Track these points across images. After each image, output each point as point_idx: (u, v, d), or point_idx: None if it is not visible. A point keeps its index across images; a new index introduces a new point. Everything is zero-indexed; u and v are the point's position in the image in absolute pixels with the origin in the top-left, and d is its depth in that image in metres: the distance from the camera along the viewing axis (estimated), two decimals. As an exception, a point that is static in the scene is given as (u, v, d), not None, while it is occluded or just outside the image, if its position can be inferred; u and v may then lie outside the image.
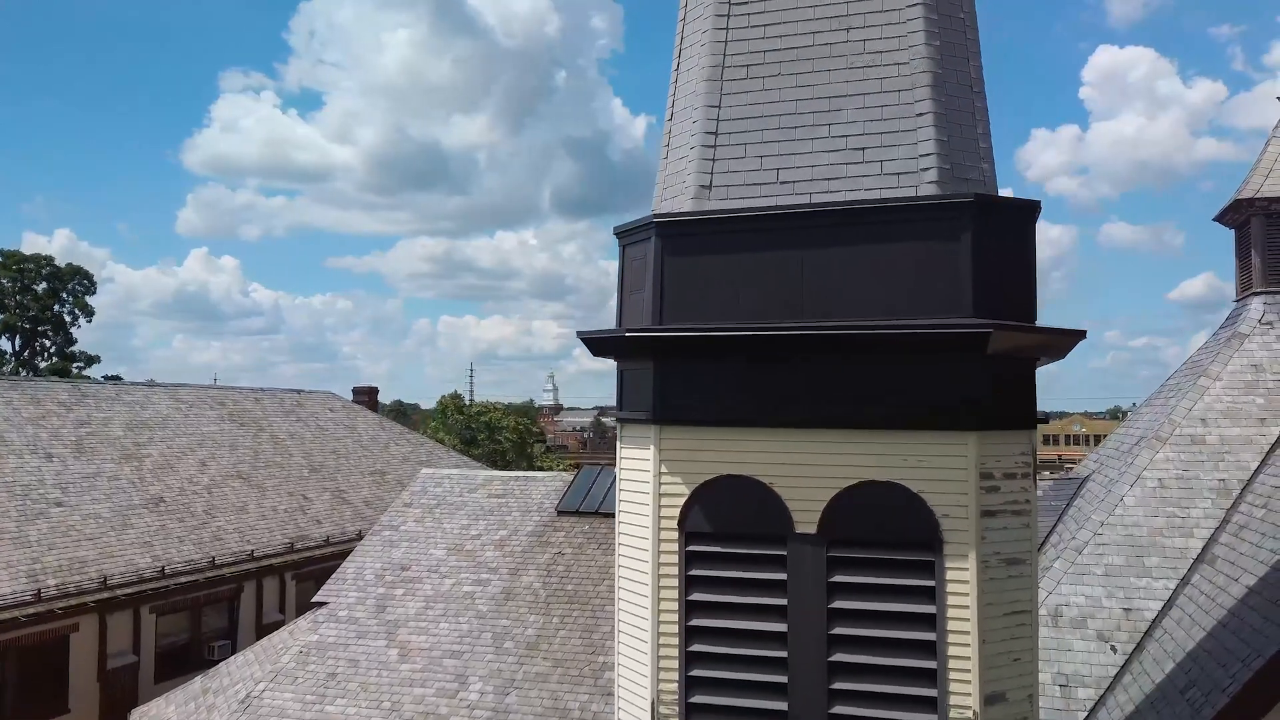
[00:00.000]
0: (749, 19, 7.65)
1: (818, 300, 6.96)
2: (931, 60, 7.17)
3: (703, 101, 7.65)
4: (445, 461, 33.20)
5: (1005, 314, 6.71)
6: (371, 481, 28.22)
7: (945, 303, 6.69)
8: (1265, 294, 13.87)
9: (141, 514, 20.18)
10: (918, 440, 6.70)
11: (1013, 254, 6.92)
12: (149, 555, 19.01)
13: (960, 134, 7.20)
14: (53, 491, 19.27)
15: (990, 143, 7.42)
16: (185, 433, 24.64)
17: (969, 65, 7.37)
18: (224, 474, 23.71)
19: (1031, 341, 6.78)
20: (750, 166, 7.46)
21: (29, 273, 49.22)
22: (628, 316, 7.82)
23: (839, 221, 6.97)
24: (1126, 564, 11.76)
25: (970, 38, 7.45)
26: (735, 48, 7.65)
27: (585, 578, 14.95)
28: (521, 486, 17.95)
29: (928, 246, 6.78)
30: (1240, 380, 13.18)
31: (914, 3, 7.26)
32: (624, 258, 7.93)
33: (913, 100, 7.14)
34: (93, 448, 21.54)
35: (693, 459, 7.19)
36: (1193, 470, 12.43)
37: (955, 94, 7.24)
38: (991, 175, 7.32)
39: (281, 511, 23.51)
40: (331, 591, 16.00)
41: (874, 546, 6.76)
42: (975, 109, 7.35)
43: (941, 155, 7.03)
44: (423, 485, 18.76)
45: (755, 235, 7.16)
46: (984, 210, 6.73)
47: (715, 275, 7.25)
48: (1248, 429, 12.63)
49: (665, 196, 7.99)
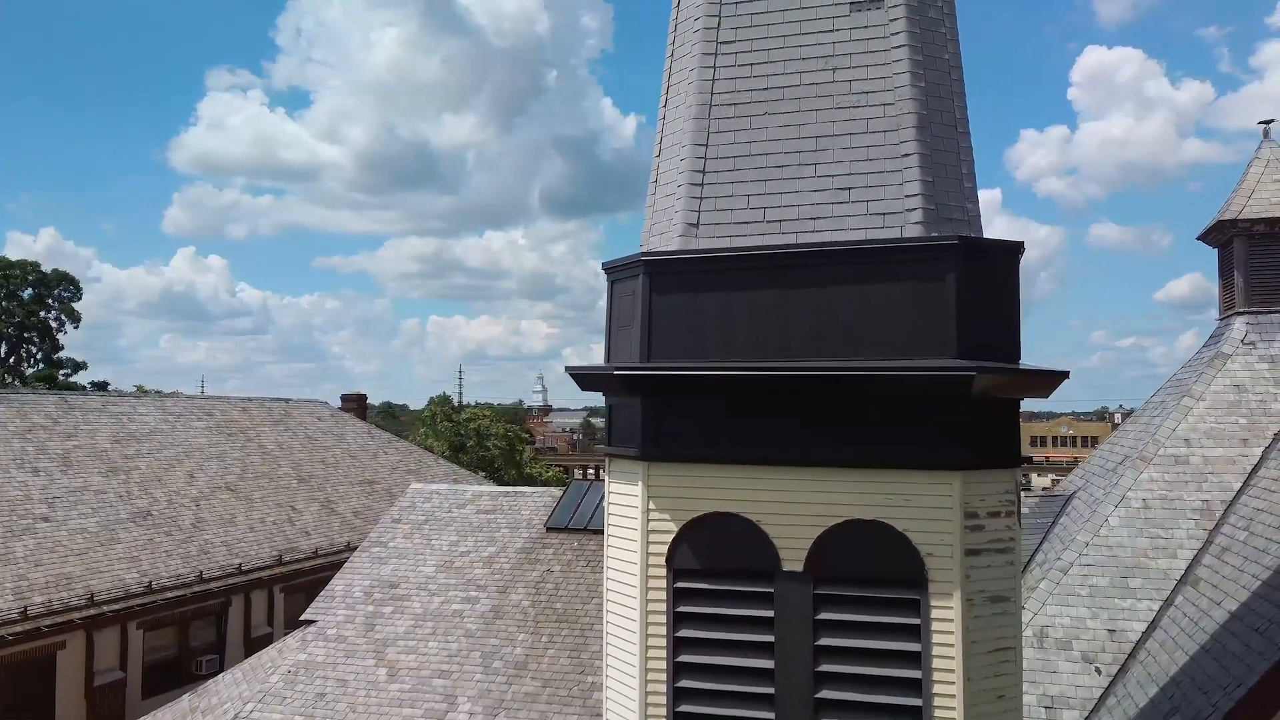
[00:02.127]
0: (736, 58, 7.72)
1: (804, 339, 7.03)
2: (917, 102, 7.25)
3: (690, 140, 7.72)
4: (434, 470, 33.19)
5: (989, 354, 6.79)
6: (360, 491, 28.20)
7: (930, 343, 6.77)
8: (1248, 314, 14.01)
9: (129, 528, 20.13)
10: (903, 480, 6.77)
11: (997, 294, 7.00)
12: (136, 570, 18.97)
13: (945, 174, 7.28)
14: (39, 506, 19.21)
15: (975, 182, 7.50)
16: (173, 444, 24.58)
17: (954, 106, 7.45)
18: (212, 485, 23.66)
19: (1015, 383, 6.86)
20: (737, 205, 7.53)
21: (14, 279, 48.98)
22: (616, 351, 7.88)
23: (825, 262, 7.05)
24: (1111, 585, 11.87)
25: (955, 78, 7.53)
26: (722, 86, 7.71)
27: (574, 596, 14.99)
28: (510, 502, 17.97)
29: (913, 287, 6.85)
30: (1223, 400, 13.31)
31: (899, 45, 7.34)
32: (612, 293, 7.98)
33: (898, 141, 7.22)
34: (80, 461, 21.48)
35: (681, 496, 7.25)
36: (1176, 491, 12.55)
37: (940, 135, 7.31)
38: (976, 215, 7.40)
39: (270, 523, 23.48)
40: (320, 609, 15.99)
41: (860, 584, 6.83)
42: (960, 149, 7.43)
43: (926, 196, 7.11)
44: (412, 500, 18.77)
45: (742, 274, 7.22)
46: (968, 252, 6.81)
47: (703, 313, 7.31)
48: (1230, 450, 12.76)
49: (653, 232, 8.05)
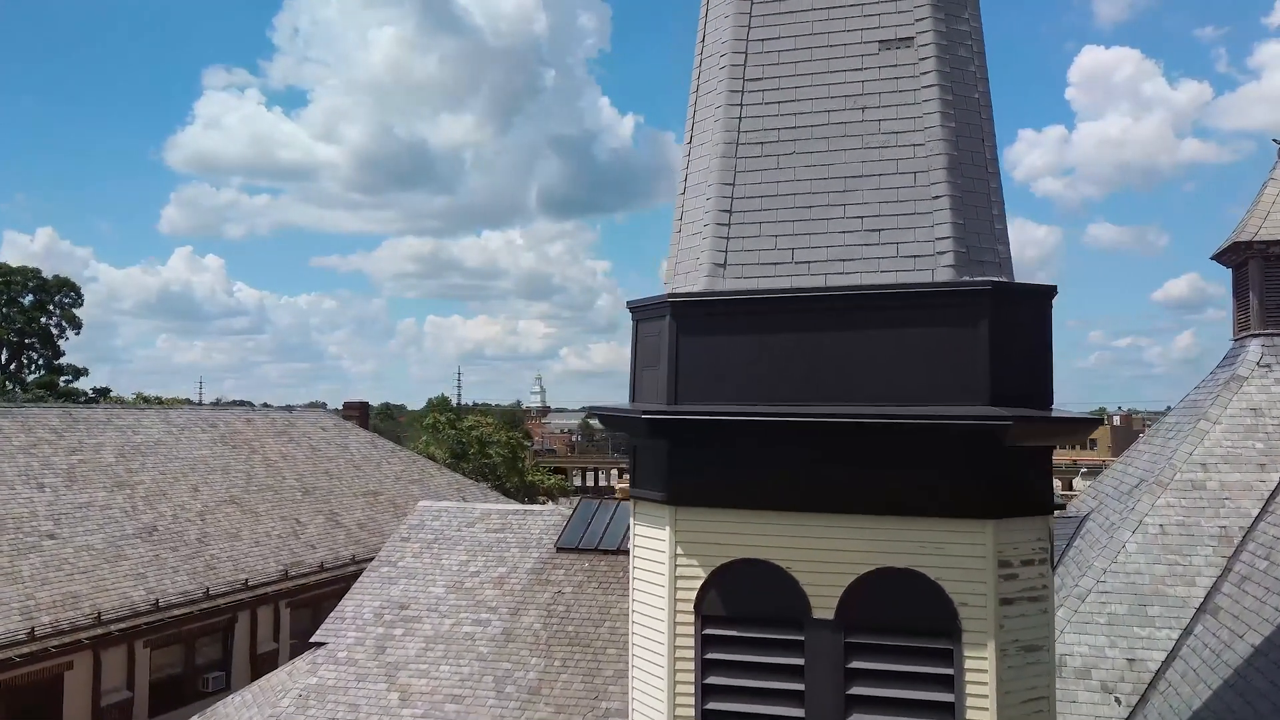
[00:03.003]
0: (763, 96, 7.63)
1: (835, 383, 6.95)
2: (947, 142, 7.17)
3: (717, 179, 7.63)
4: (437, 480, 33.10)
5: (1022, 400, 6.72)
6: (365, 503, 28.10)
7: (963, 390, 6.69)
8: (1263, 336, 13.95)
9: (135, 544, 20.03)
10: (935, 527, 6.69)
11: (1030, 339, 6.93)
12: (143, 587, 18.88)
13: (976, 216, 7.20)
14: (45, 524, 19.11)
15: (1005, 223, 7.43)
16: (177, 457, 24.48)
17: (984, 146, 7.38)
18: (217, 499, 23.57)
19: (1049, 431, 6.79)
20: (765, 245, 7.45)
21: (15, 285, 48.84)
22: (642, 392, 7.80)
23: (855, 305, 6.97)
24: (1129, 613, 11.80)
25: (985, 118, 7.46)
26: (750, 124, 7.63)
27: (586, 619, 14.90)
28: (520, 521, 17.87)
29: (945, 332, 6.77)
30: (1240, 424, 13.25)
31: (929, 84, 7.26)
32: (638, 332, 7.90)
33: (929, 183, 7.14)
34: (85, 476, 21.38)
35: (709, 541, 7.17)
36: (1194, 517, 12.48)
37: (971, 176, 7.24)
38: (1007, 256, 7.32)
39: (275, 537, 23.39)
40: (330, 630, 15.90)
41: (892, 633, 6.75)
42: (990, 190, 7.36)
43: (958, 239, 7.04)
44: (420, 518, 18.67)
45: (771, 317, 7.14)
46: (1001, 297, 6.74)
47: (731, 356, 7.23)
48: (1248, 475, 12.70)
49: (679, 271, 7.96)
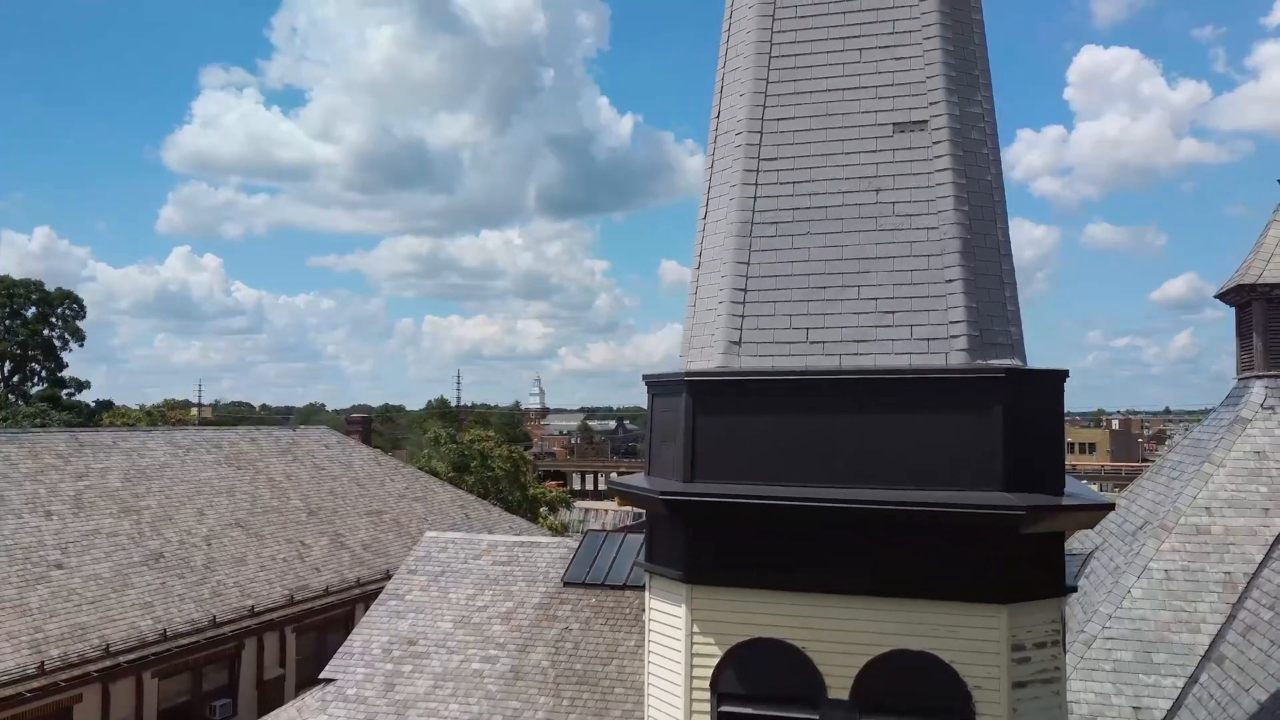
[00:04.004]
0: (778, 175, 7.73)
1: (850, 465, 7.04)
2: (961, 226, 7.27)
3: (732, 257, 7.73)
4: (440, 496, 33.16)
5: (1035, 485, 6.82)
6: (369, 522, 28.16)
7: (977, 475, 6.79)
8: (1267, 378, 14.06)
9: (141, 572, 20.09)
10: (949, 611, 6.79)
11: (1042, 423, 7.04)
12: (150, 617, 18.94)
13: (989, 298, 7.30)
14: (53, 553, 19.16)
15: (1018, 304, 7.53)
16: (183, 480, 24.54)
17: (996, 228, 7.48)
18: (222, 523, 23.62)
19: (1063, 520, 6.89)
20: (780, 325, 7.54)
21: (18, 297, 48.90)
22: (658, 465, 7.89)
23: (870, 388, 7.07)
24: (1135, 660, 11.90)
25: (997, 199, 7.55)
26: (764, 204, 7.73)
27: (594, 657, 14.97)
28: (526, 553, 17.93)
29: (959, 417, 6.87)
30: (1244, 468, 13.35)
31: (943, 168, 7.36)
32: (653, 405, 8.00)
33: (942, 266, 7.24)
34: (91, 502, 21.43)
35: (726, 620, 7.27)
36: (1198, 562, 12.58)
37: (984, 258, 7.34)
38: (1019, 338, 7.42)
39: (280, 560, 23.45)
40: (338, 667, 15.95)
41: (906, 715, 6.85)
42: (1003, 272, 7.45)
43: (971, 323, 7.14)
44: (427, 550, 18.72)
45: (786, 397, 7.24)
46: (1015, 383, 6.84)
47: (747, 435, 7.33)
48: (1251, 520, 12.80)
49: (694, 345, 8.06)
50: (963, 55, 7.58)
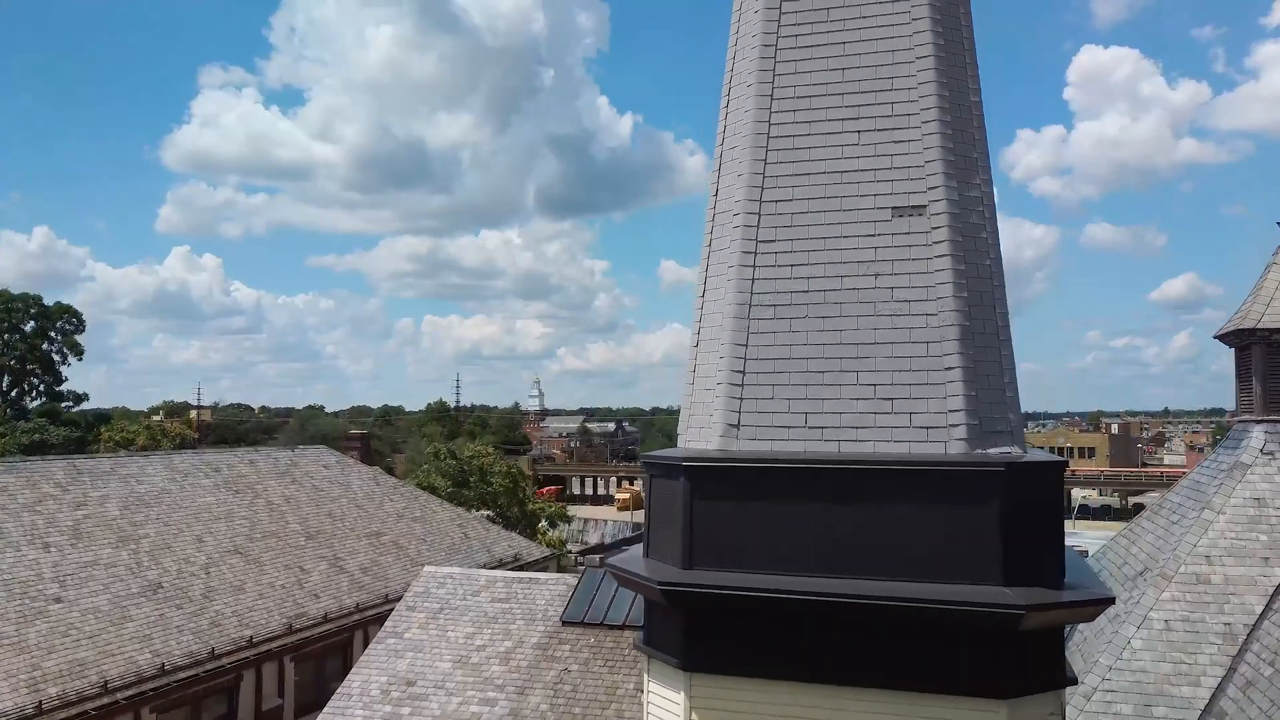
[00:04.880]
0: (776, 258, 7.70)
1: (849, 555, 7.01)
2: (960, 313, 7.25)
3: (730, 338, 7.70)
4: (439, 515, 33.13)
5: (1034, 579, 6.78)
6: (368, 545, 28.15)
7: (976, 567, 6.77)
8: (1267, 422, 14.04)
9: (140, 603, 20.07)
10: (948, 705, 6.76)
11: (1041, 516, 7.00)
12: (149, 650, 18.91)
13: (988, 385, 7.28)
14: (51, 586, 19.14)
15: (1016, 389, 7.51)
16: (181, 506, 24.52)
17: (995, 313, 7.45)
18: (221, 549, 23.61)
19: (1062, 616, 6.86)
20: (778, 409, 7.52)
21: (16, 312, 48.85)
22: (656, 547, 7.86)
23: (868, 478, 7.04)
24: (1135, 714, 11.87)
25: (996, 284, 7.53)
26: (762, 286, 7.70)
27: (592, 700, 14.94)
28: (525, 590, 17.90)
29: (957, 510, 6.85)
30: (1244, 515, 13.33)
31: (942, 254, 7.33)
32: (651, 486, 7.97)
33: (941, 354, 7.21)
34: (90, 532, 21.42)
35: (725, 708, 7.23)
36: (1198, 612, 12.56)
37: (983, 345, 7.31)
38: (1019, 424, 7.40)
39: (279, 588, 23.43)
40: (337, 709, 15.93)
41: (906, 808, 6.81)
42: (1002, 358, 7.43)
43: (970, 411, 7.11)
44: (425, 585, 18.69)
45: (785, 484, 7.21)
46: (1014, 476, 6.81)
47: (745, 521, 7.29)
48: (1251, 569, 12.78)
49: (692, 424, 8.03)
50: (961, 138, 7.55)
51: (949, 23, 7.70)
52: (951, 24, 7.71)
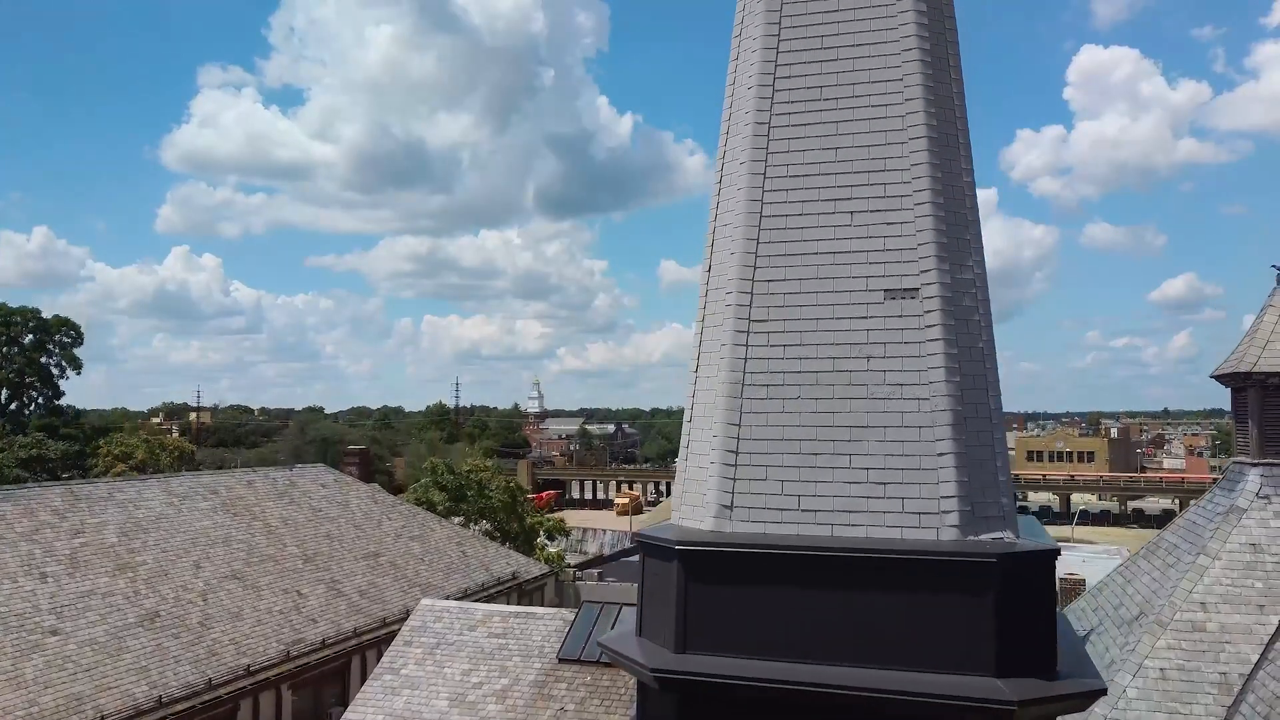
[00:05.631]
0: (768, 338, 7.69)
1: (841, 642, 7.01)
2: (952, 398, 7.24)
3: (723, 418, 7.69)
4: (437, 534, 33.14)
5: (1027, 668, 6.78)
6: (365, 566, 28.15)
7: (968, 657, 6.76)
8: (1262, 466, 14.04)
9: (137, 634, 20.08)
10: (941, 795, 6.76)
11: (1034, 604, 6.99)
12: (145, 682, 18.92)
13: (981, 470, 7.27)
14: (48, 618, 19.14)
15: (1009, 473, 7.51)
16: (179, 531, 24.53)
17: (988, 396, 7.45)
18: (218, 575, 23.62)
19: (1054, 709, 6.85)
20: (772, 490, 7.51)
21: (15, 325, 48.80)
22: (649, 626, 7.84)
23: (861, 565, 7.03)
24: (1130, 765, 11.88)
25: (989, 367, 7.53)
26: (755, 365, 7.69)
27: (589, 741, 14.95)
28: (522, 625, 17.92)
29: (950, 599, 6.84)
30: (1239, 561, 13.33)
31: (934, 338, 7.33)
32: (645, 565, 7.95)
33: (934, 439, 7.21)
34: (87, 560, 21.43)
35: (716, 793, 7.23)
36: (1194, 660, 12.57)
37: (975, 429, 7.31)
38: (1011, 509, 7.40)
39: (276, 613, 23.44)
40: (334, 748, 15.94)
41: None
42: (994, 441, 7.43)
43: (962, 497, 7.11)
44: (422, 619, 18.71)
45: (778, 570, 7.20)
46: (1006, 568, 6.81)
47: (738, 606, 7.29)
48: (1247, 617, 12.79)
49: (686, 501, 8.02)
50: (954, 220, 7.55)
51: (943, 102, 7.70)
52: (945, 104, 7.71)
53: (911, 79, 7.62)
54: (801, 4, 7.98)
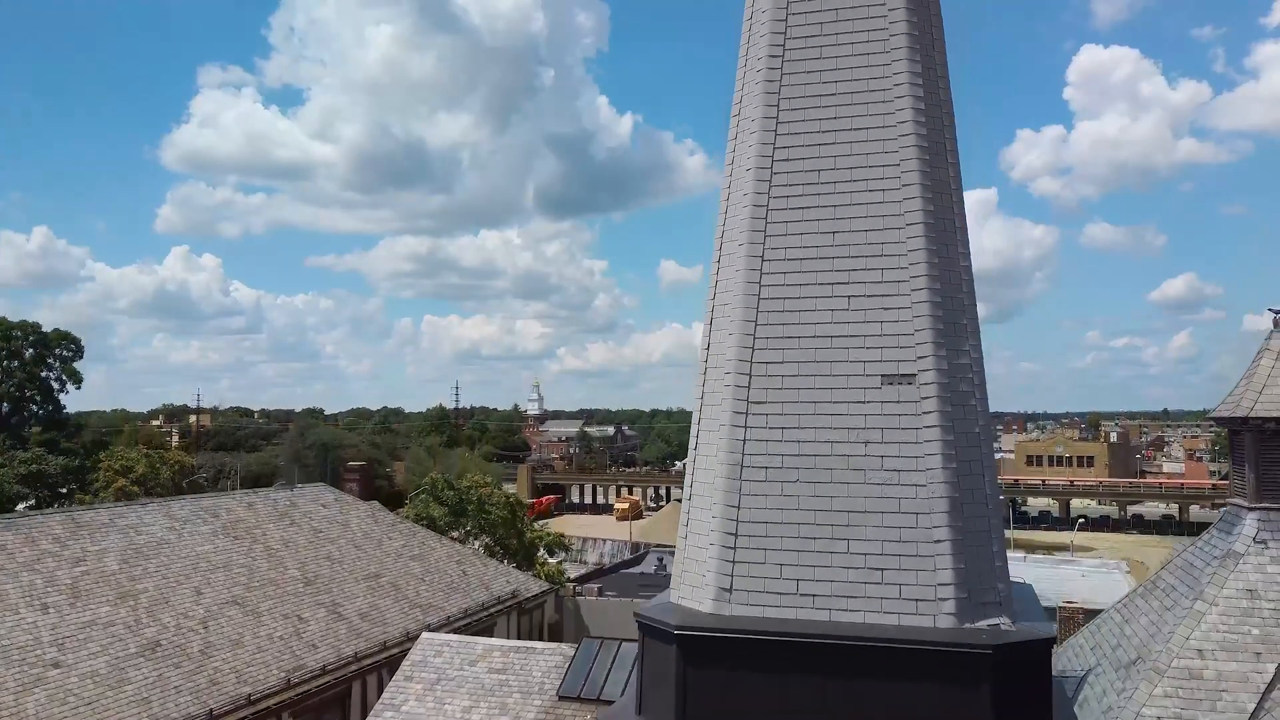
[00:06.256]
0: (767, 420, 7.76)
1: (839, 728, 7.08)
2: (949, 484, 7.31)
3: (721, 499, 7.76)
4: (437, 552, 33.18)
5: (1023, 757, 6.86)
6: (366, 588, 28.20)
7: (965, 747, 6.83)
8: (1259, 510, 14.10)
9: (138, 664, 20.12)
10: None
11: (1030, 690, 7.08)
12: (147, 714, 18.96)
13: (977, 556, 7.34)
14: (49, 650, 19.19)
15: (1005, 557, 7.57)
16: (180, 556, 24.58)
17: (984, 482, 7.51)
18: (219, 600, 23.66)
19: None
20: (770, 574, 7.58)
21: (15, 340, 48.87)
22: (648, 706, 7.91)
23: (858, 653, 7.10)
24: (1127, 816, 11.94)
25: (986, 451, 7.59)
26: (754, 448, 7.75)
27: (589, 783, 14.98)
28: (522, 660, 17.96)
29: (947, 689, 6.92)
30: (1236, 607, 13.40)
31: (931, 424, 7.39)
32: (645, 644, 8.02)
33: (930, 525, 7.28)
34: (88, 589, 21.47)
35: None
36: (1190, 709, 12.63)
37: (973, 514, 7.38)
38: (1008, 594, 7.46)
39: (277, 639, 23.48)
40: (335, 788, 15.98)
41: None
42: (991, 527, 7.50)
43: (959, 585, 7.18)
44: (423, 654, 18.73)
45: (777, 654, 7.27)
46: (1002, 658, 6.88)
47: (737, 689, 7.36)
48: (1243, 664, 12.85)
49: (684, 581, 8.09)
50: (951, 305, 7.61)
51: (939, 188, 7.76)
52: (942, 189, 7.78)
53: (909, 165, 7.69)
54: (800, 86, 8.04)
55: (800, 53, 8.07)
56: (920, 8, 7.92)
